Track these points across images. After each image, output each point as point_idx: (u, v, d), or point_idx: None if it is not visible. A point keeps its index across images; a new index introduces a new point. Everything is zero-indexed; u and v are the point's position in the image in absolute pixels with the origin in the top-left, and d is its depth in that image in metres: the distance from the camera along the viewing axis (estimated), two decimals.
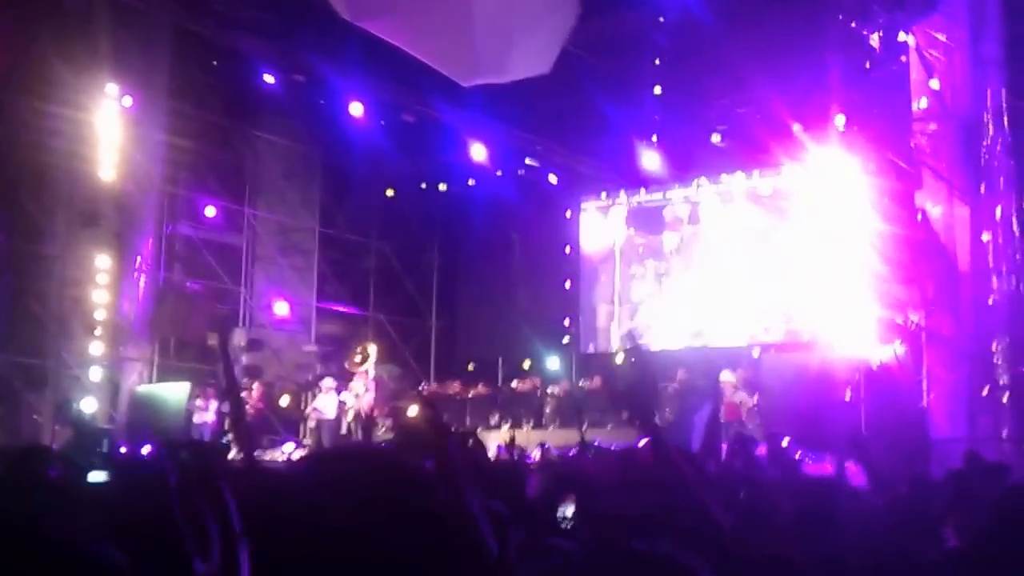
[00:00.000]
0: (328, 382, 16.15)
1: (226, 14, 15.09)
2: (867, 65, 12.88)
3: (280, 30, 15.27)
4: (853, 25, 12.78)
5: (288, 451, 14.85)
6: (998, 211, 11.43)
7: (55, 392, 14.91)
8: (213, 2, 14.74)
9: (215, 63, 16.19)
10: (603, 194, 18.78)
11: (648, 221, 18.63)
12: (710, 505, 3.37)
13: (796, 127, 14.88)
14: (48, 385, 15.07)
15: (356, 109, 16.56)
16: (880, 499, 4.76)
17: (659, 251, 18.45)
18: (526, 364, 18.87)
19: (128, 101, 15.03)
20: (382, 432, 16.11)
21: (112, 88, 14.83)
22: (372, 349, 17.43)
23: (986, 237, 11.43)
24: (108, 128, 14.89)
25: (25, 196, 15.24)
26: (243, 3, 14.46)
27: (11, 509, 1.93)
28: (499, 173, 18.73)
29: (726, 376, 14.80)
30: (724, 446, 6.76)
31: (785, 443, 9.66)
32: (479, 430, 15.13)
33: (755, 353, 16.14)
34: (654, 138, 16.98)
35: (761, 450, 6.15)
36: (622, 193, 18.66)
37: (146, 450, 12.27)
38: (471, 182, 19.42)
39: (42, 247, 15.28)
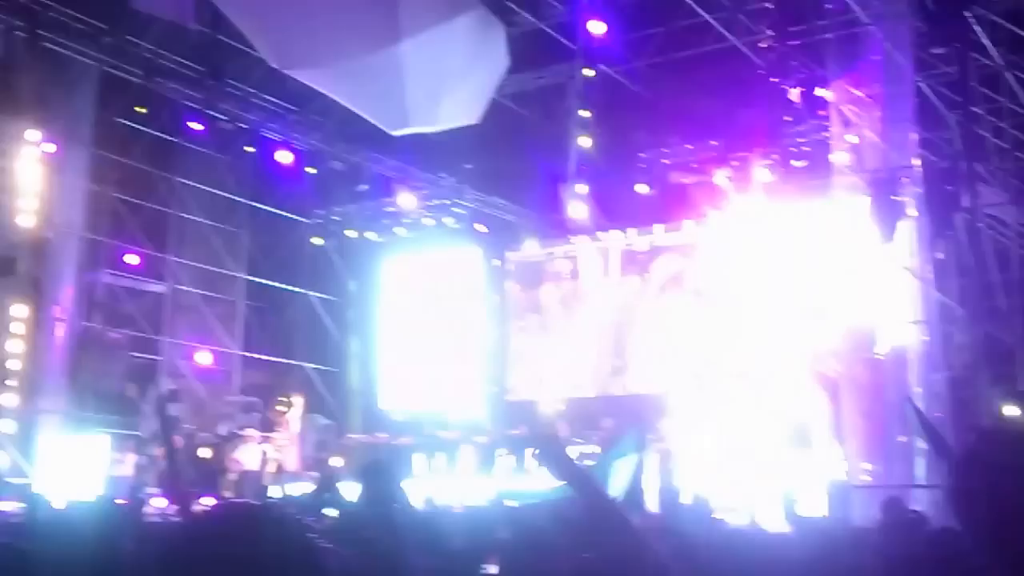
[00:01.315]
0: (250, 432, 15.85)
1: (152, 60, 14.95)
2: (787, 119, 13.24)
3: (208, 77, 15.16)
4: (774, 80, 13.15)
5: (208, 505, 14.46)
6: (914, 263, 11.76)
7: None
8: (139, 48, 14.60)
9: (141, 109, 15.98)
10: (528, 244, 18.94)
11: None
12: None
13: (720, 178, 15.23)
14: None
15: (284, 156, 16.46)
16: (799, 546, 4.79)
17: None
18: (451, 414, 18.76)
19: (50, 147, 14.74)
20: (305, 484, 15.77)
21: (33, 134, 14.54)
22: (297, 400, 17.19)
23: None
24: (28, 174, 14.57)
25: None
26: (170, 49, 14.35)
27: None
28: (428, 222, 18.76)
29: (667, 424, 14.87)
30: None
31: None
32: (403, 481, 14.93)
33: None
34: (581, 188, 17.19)
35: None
36: (524, 245, 18.91)
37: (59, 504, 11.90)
38: (399, 231, 19.41)
39: None
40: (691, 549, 3.90)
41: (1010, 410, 11.79)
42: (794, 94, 13.16)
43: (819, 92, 12.95)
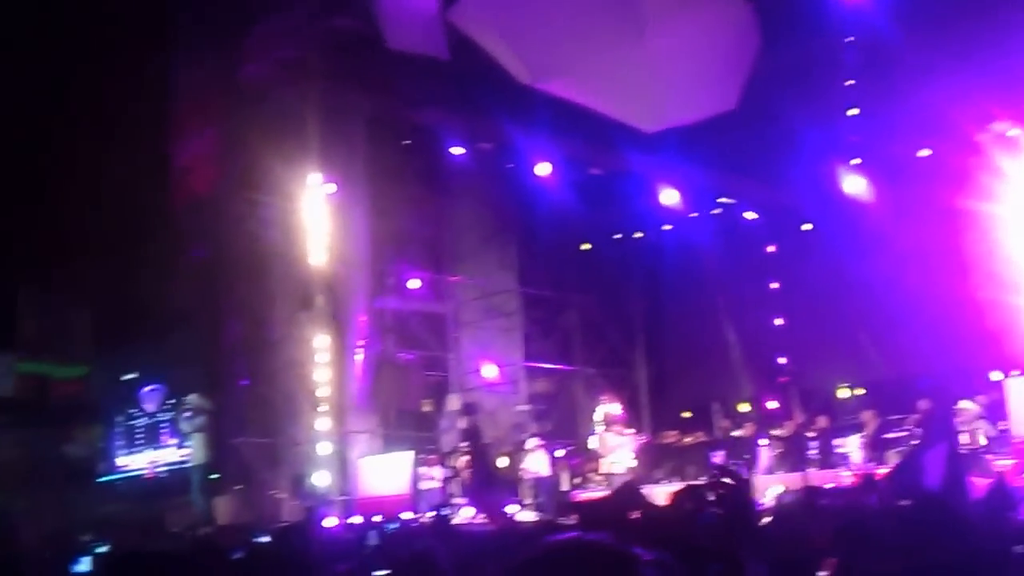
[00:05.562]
0: (532, 441, 16.08)
1: (412, 94, 15.66)
2: None
3: (464, 102, 15.70)
4: None
5: (511, 512, 14.85)
6: None
7: (290, 468, 15.65)
8: (400, 85, 15.34)
9: (407, 142, 16.79)
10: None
11: None
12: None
13: (1012, 131, 13.92)
14: (283, 462, 15.84)
15: (544, 169, 16.74)
16: None
17: None
18: (743, 407, 18.30)
19: (331, 188, 15.77)
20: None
21: (315, 178, 15.63)
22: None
23: None
24: (315, 215, 15.67)
25: (246, 287, 16.25)
26: (427, 81, 14.98)
27: None
28: (694, 215, 18.43)
29: (966, 405, 13.82)
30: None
31: None
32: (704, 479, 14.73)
33: (995, 376, 14.98)
34: (855, 161, 16.25)
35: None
36: None
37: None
38: (666, 227, 19.18)
39: (265, 333, 16.19)
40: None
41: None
42: None
43: None
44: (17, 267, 20.16)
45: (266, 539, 8.12)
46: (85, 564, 6.71)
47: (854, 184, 16.44)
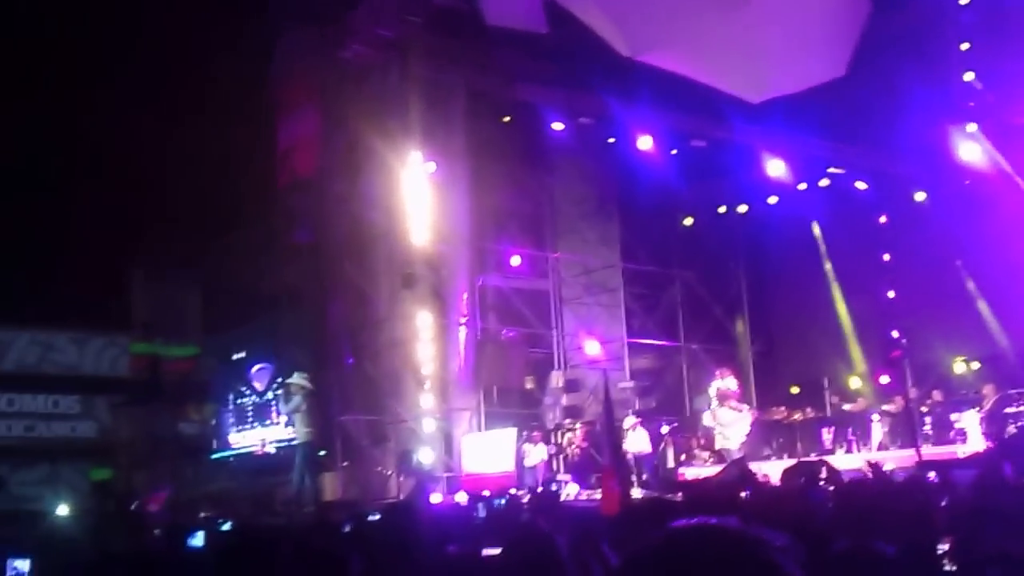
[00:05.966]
0: (630, 420, 15.86)
1: (511, 70, 15.59)
2: None
3: (564, 77, 15.55)
4: None
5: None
6: None
7: (395, 445, 15.83)
8: (499, 61, 15.28)
9: (506, 118, 16.74)
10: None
11: None
12: None
13: None
14: (388, 439, 16.03)
15: (645, 142, 16.50)
16: None
17: None
18: (853, 382, 17.81)
19: (431, 166, 15.82)
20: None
21: (416, 156, 15.68)
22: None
23: None
24: (417, 194, 15.74)
25: (349, 267, 16.47)
26: (526, 57, 14.88)
27: None
28: (801, 186, 17.95)
29: None
30: None
31: None
32: (814, 455, 14.45)
33: None
34: (971, 127, 15.57)
35: None
36: None
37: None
38: (772, 199, 18.74)
39: (369, 312, 16.38)
40: None
41: None
42: None
43: None
44: (129, 251, 20.89)
45: (376, 517, 8.21)
46: (199, 538, 6.86)
47: (969, 151, 15.77)
